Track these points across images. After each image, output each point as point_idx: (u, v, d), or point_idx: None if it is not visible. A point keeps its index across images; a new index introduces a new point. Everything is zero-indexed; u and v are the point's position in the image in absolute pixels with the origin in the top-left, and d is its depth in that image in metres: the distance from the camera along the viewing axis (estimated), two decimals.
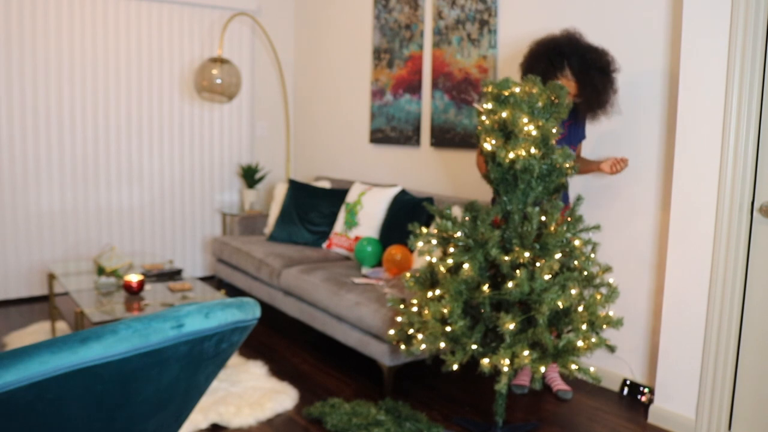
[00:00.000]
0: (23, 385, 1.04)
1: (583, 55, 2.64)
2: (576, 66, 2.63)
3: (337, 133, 5.04)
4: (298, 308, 3.50)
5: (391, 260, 3.33)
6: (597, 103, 2.67)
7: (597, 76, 2.63)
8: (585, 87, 2.65)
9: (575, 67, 2.64)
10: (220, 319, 1.28)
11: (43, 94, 4.35)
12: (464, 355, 2.30)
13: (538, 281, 2.19)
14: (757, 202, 2.42)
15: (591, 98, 2.66)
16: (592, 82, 2.62)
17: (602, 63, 2.65)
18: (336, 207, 4.20)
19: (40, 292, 4.49)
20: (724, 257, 2.46)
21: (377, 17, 4.47)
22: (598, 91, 2.64)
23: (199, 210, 5.10)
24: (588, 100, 2.67)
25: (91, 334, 1.11)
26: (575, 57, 2.63)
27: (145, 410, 1.27)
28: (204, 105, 5.01)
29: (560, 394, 2.96)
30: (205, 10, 4.92)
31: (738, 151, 2.41)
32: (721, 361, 2.50)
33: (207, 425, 2.59)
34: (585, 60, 2.63)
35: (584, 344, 2.24)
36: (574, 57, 2.63)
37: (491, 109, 2.35)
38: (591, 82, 2.62)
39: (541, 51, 2.69)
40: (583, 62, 2.63)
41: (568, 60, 2.64)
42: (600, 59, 2.65)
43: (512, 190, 2.36)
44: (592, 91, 2.64)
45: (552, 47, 2.66)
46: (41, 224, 4.44)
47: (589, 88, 2.64)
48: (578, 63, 2.63)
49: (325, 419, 2.61)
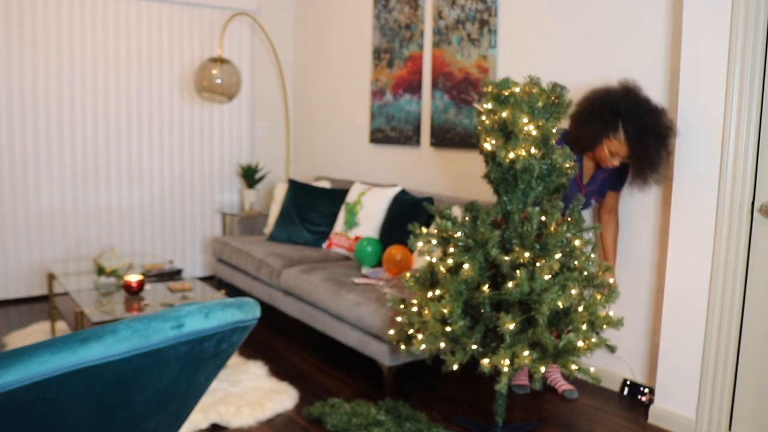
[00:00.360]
0: (23, 385, 1.04)
1: (641, 118, 2.45)
2: (632, 131, 2.46)
3: (337, 133, 5.04)
4: (298, 308, 3.50)
5: (391, 260, 3.33)
6: (650, 171, 2.50)
7: (653, 143, 2.44)
8: (639, 154, 2.48)
9: (630, 132, 2.46)
10: (220, 319, 1.28)
11: (43, 94, 4.34)
12: (464, 355, 2.30)
13: (538, 281, 2.19)
14: (758, 203, 2.41)
15: (644, 167, 2.50)
16: (647, 150, 2.44)
17: (660, 129, 2.46)
18: (336, 207, 4.20)
19: (40, 292, 4.49)
20: (724, 257, 2.46)
21: (377, 17, 4.47)
22: (652, 161, 2.48)
23: (199, 210, 5.10)
24: (640, 168, 2.51)
25: (91, 334, 1.11)
26: (632, 119, 2.45)
27: (145, 410, 1.27)
28: (204, 105, 5.01)
29: (566, 394, 2.96)
30: (205, 9, 4.92)
31: (738, 151, 2.40)
32: (722, 362, 2.50)
33: (207, 425, 2.59)
34: (642, 124, 2.44)
35: (584, 344, 2.24)
36: (630, 119, 2.45)
37: (491, 109, 2.35)
38: (645, 150, 2.44)
39: (596, 108, 2.51)
40: (639, 127, 2.45)
41: (624, 121, 2.46)
42: (658, 124, 2.46)
43: (512, 190, 2.36)
44: (646, 159, 2.47)
45: (608, 105, 2.48)
46: (41, 224, 4.44)
47: (644, 156, 2.47)
48: (634, 127, 2.45)
49: (325, 419, 2.61)
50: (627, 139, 2.50)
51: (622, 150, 2.54)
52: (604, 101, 2.51)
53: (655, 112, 2.49)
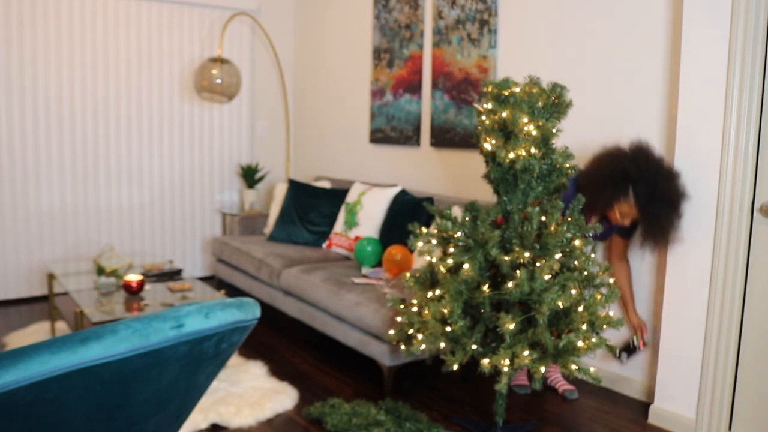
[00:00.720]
0: (23, 386, 1.04)
1: (652, 184, 2.41)
2: (642, 197, 2.43)
3: (337, 133, 5.04)
4: (298, 308, 3.50)
5: (391, 260, 3.33)
6: (660, 237, 2.48)
7: (663, 209, 2.41)
8: (649, 220, 2.46)
9: (641, 198, 2.43)
10: (220, 319, 1.28)
11: (42, 93, 4.34)
12: (464, 355, 2.30)
13: (538, 281, 2.19)
14: (758, 202, 2.41)
15: (654, 232, 2.47)
16: (657, 216, 2.41)
17: (672, 195, 2.42)
18: (336, 207, 4.19)
19: (40, 292, 4.49)
20: (724, 257, 2.46)
21: (377, 17, 4.47)
22: (662, 227, 2.45)
23: (199, 210, 5.10)
24: (650, 233, 2.49)
25: (90, 334, 1.11)
26: (643, 185, 2.42)
27: (145, 410, 1.27)
28: (204, 105, 5.01)
29: (567, 394, 2.96)
30: (205, 9, 4.92)
31: (738, 150, 2.40)
32: (722, 361, 2.50)
33: (207, 425, 2.59)
34: (653, 190, 2.41)
35: (584, 344, 2.23)
36: (641, 185, 2.42)
37: (491, 109, 2.35)
38: (656, 216, 2.42)
39: (606, 174, 2.47)
40: (650, 193, 2.41)
41: (635, 187, 2.43)
42: (670, 189, 2.41)
43: (512, 190, 2.36)
44: (656, 225, 2.45)
45: (619, 171, 2.45)
46: (41, 224, 4.44)
47: (654, 222, 2.45)
48: (645, 194, 2.42)
49: (325, 419, 2.61)
50: (637, 204, 2.47)
51: (632, 213, 2.52)
52: (614, 167, 2.47)
53: (667, 177, 2.44)
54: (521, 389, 2.99)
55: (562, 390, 2.99)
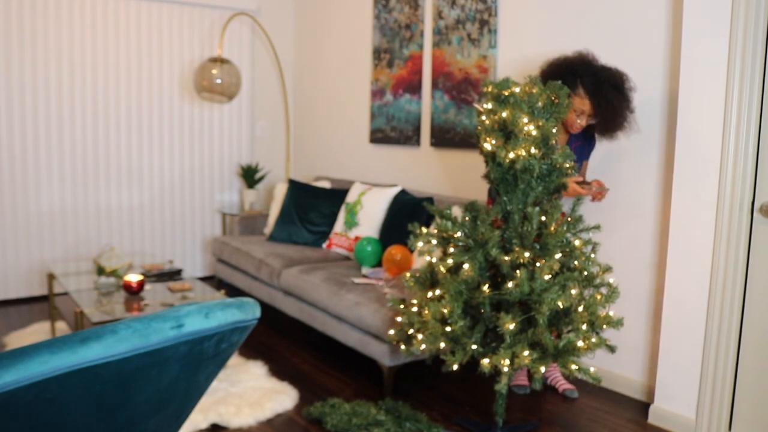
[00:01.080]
0: (23, 386, 1.04)
1: (596, 74, 2.60)
2: (589, 84, 2.59)
3: (337, 133, 5.04)
4: (298, 308, 3.50)
5: (391, 260, 3.33)
6: (614, 121, 2.61)
7: (612, 92, 2.57)
8: (600, 105, 2.60)
9: (588, 86, 2.59)
10: (219, 319, 1.28)
11: (42, 93, 4.34)
12: (464, 355, 2.30)
13: (538, 281, 2.19)
14: (758, 202, 2.41)
15: (607, 116, 2.60)
16: (607, 98, 2.56)
17: (616, 80, 2.60)
18: (336, 207, 4.19)
19: (40, 292, 4.49)
20: (724, 257, 2.46)
21: (377, 17, 4.47)
22: (614, 108, 2.58)
23: (199, 210, 5.10)
24: (604, 119, 2.62)
25: (90, 334, 1.11)
26: (588, 76, 2.59)
27: (145, 410, 1.27)
28: (204, 105, 5.01)
29: (567, 393, 2.96)
30: (205, 9, 4.92)
31: (738, 150, 2.40)
32: (722, 361, 2.50)
33: (207, 425, 2.59)
34: (598, 78, 2.59)
35: (584, 344, 2.23)
36: (587, 76, 2.60)
37: (491, 109, 2.35)
38: (606, 99, 2.56)
39: (553, 71, 2.65)
40: (596, 80, 2.59)
41: (581, 78, 2.60)
42: (613, 77, 2.60)
43: (512, 190, 2.36)
44: (607, 108, 2.59)
45: (564, 66, 2.63)
46: (41, 224, 4.44)
47: (604, 105, 2.58)
48: (591, 81, 2.59)
49: (325, 419, 2.61)
50: (587, 93, 2.61)
51: (584, 105, 2.64)
52: (560, 65, 2.65)
53: (609, 69, 2.62)
54: (521, 389, 2.99)
55: (562, 389, 2.99)
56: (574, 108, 2.65)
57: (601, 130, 2.69)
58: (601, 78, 2.59)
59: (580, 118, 2.68)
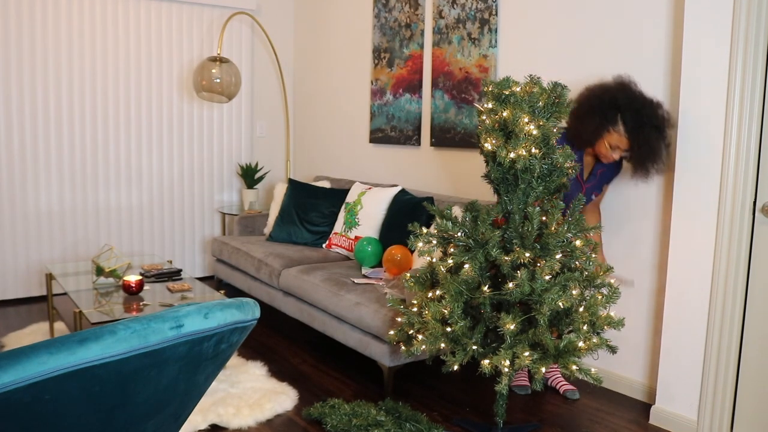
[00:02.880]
0: (21, 386, 1.03)
1: (638, 111, 2.49)
2: (630, 123, 2.50)
3: (337, 132, 5.03)
4: (298, 308, 3.49)
5: (391, 260, 3.32)
6: (651, 162, 2.53)
7: (653, 134, 2.48)
8: (639, 146, 2.52)
9: (629, 125, 2.50)
10: (219, 319, 1.27)
11: (41, 93, 4.33)
12: (465, 356, 2.29)
13: (538, 281, 2.18)
14: (759, 202, 2.41)
15: (645, 157, 2.52)
16: (647, 140, 2.48)
17: (658, 120, 2.51)
18: (336, 207, 4.19)
19: (39, 292, 4.48)
20: (726, 257, 2.45)
21: (377, 16, 4.46)
22: (652, 151, 2.51)
23: (198, 210, 5.09)
24: (641, 159, 2.54)
25: (89, 335, 1.10)
26: (630, 113, 2.50)
27: (144, 411, 1.26)
28: (203, 104, 5.00)
29: (568, 394, 2.95)
30: (205, 8, 4.91)
31: (740, 150, 2.40)
32: (723, 362, 2.49)
33: (206, 426, 2.58)
34: (640, 117, 2.49)
35: (585, 345, 2.23)
36: (628, 113, 2.50)
37: (492, 109, 2.34)
38: (646, 141, 2.48)
39: (594, 104, 2.55)
40: (638, 119, 2.49)
41: (622, 115, 2.51)
42: (656, 115, 2.50)
43: (513, 189, 2.35)
44: (646, 150, 2.51)
45: (606, 100, 2.53)
46: (40, 224, 4.43)
47: (645, 147, 2.50)
48: (633, 120, 2.49)
49: (324, 420, 2.60)
50: (626, 131, 2.53)
51: (622, 143, 2.57)
52: (601, 96, 2.56)
53: (651, 105, 2.53)
54: (522, 390, 2.98)
55: (563, 390, 2.98)
56: (610, 142, 2.58)
57: (636, 168, 2.58)
58: (643, 117, 2.49)
59: (614, 152, 2.61)
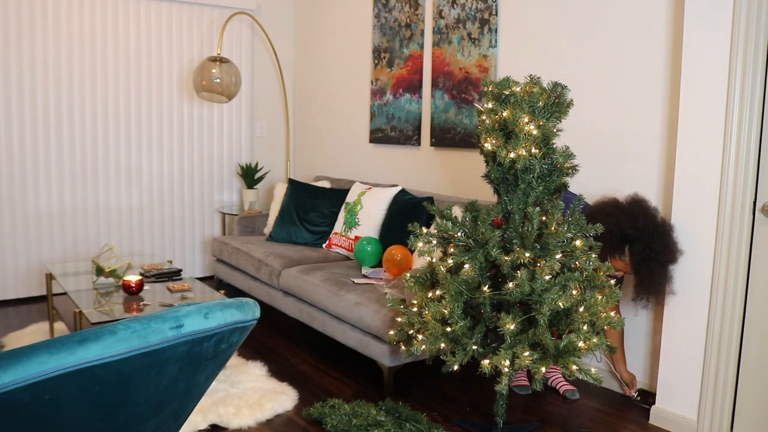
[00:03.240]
0: (21, 386, 1.03)
1: (647, 244, 2.46)
2: (637, 255, 2.48)
3: (336, 132, 5.03)
4: (298, 308, 3.49)
5: (391, 260, 3.32)
6: (653, 295, 2.53)
7: (657, 269, 2.46)
8: (641, 277, 2.51)
9: (636, 256, 2.48)
10: (219, 319, 1.27)
11: (41, 92, 4.33)
12: (465, 356, 2.29)
13: (538, 281, 2.18)
14: (759, 202, 2.41)
15: (647, 289, 2.52)
16: (651, 275, 2.47)
17: (666, 257, 2.47)
18: (336, 207, 4.19)
19: (39, 292, 4.48)
20: (725, 257, 2.45)
21: (377, 16, 4.46)
22: (655, 285, 2.50)
23: (198, 210, 5.08)
24: (643, 290, 2.53)
25: (89, 335, 1.10)
26: (639, 245, 2.47)
27: (144, 411, 1.26)
28: (203, 104, 5.00)
29: (568, 394, 2.95)
30: (205, 8, 4.91)
31: (740, 150, 2.40)
32: (723, 362, 2.49)
33: (206, 426, 2.58)
34: (648, 250, 2.46)
35: (585, 345, 2.23)
36: (638, 245, 2.47)
37: (492, 109, 2.34)
38: (650, 275, 2.47)
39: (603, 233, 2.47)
40: (645, 253, 2.46)
41: (631, 246, 2.50)
42: (665, 252, 2.46)
43: (513, 189, 2.35)
44: (649, 283, 2.50)
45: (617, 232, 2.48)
46: (39, 224, 4.42)
47: (647, 280, 2.50)
48: (640, 252, 2.47)
49: (324, 420, 2.60)
50: (632, 262, 2.53)
51: (626, 269, 2.58)
52: (612, 227, 2.51)
53: (662, 237, 2.48)
54: (522, 390, 2.98)
55: (563, 390, 2.98)
56: (615, 265, 2.57)
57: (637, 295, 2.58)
58: (650, 252, 2.46)
59: (616, 272, 2.61)
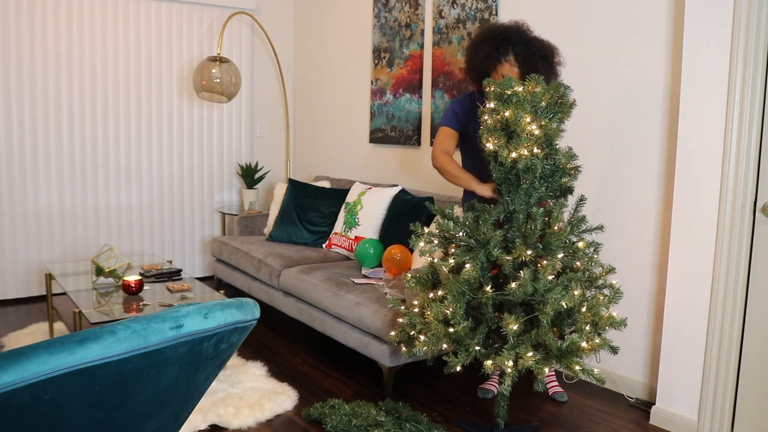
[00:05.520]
0: (21, 386, 1.03)
1: (528, 44, 2.66)
2: (520, 53, 2.66)
3: (336, 132, 5.03)
4: (298, 309, 3.49)
5: (392, 260, 3.32)
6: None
7: (541, 63, 2.64)
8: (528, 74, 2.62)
9: (519, 55, 2.65)
10: (219, 319, 1.26)
11: (41, 92, 4.33)
12: (467, 357, 2.28)
13: (541, 282, 2.17)
14: (760, 202, 2.40)
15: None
16: (536, 68, 2.63)
17: (546, 53, 2.67)
18: (336, 207, 4.18)
19: (38, 292, 4.47)
20: (726, 258, 2.45)
21: (377, 16, 4.46)
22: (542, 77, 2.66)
23: (198, 210, 5.08)
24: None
25: (89, 335, 1.09)
26: (520, 45, 2.66)
27: (143, 411, 1.26)
28: (203, 104, 5.00)
29: (556, 396, 2.95)
30: (205, 8, 4.91)
31: (740, 150, 2.39)
32: (724, 363, 2.48)
33: (206, 426, 2.58)
34: (530, 48, 2.66)
35: (588, 345, 2.22)
36: (519, 45, 2.66)
37: (493, 109, 2.34)
38: (534, 69, 2.62)
39: (486, 35, 2.71)
40: (527, 50, 2.66)
41: (513, 47, 2.66)
42: (544, 49, 2.67)
43: (515, 189, 2.34)
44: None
45: (498, 33, 2.69)
46: (39, 224, 4.42)
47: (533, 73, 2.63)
48: (523, 51, 2.66)
49: (324, 420, 2.60)
50: (517, 61, 2.66)
51: (513, 72, 2.69)
52: (494, 30, 2.71)
53: (541, 41, 2.69)
54: (485, 393, 2.94)
55: (552, 392, 2.97)
56: (503, 73, 2.71)
57: None
58: (532, 49, 2.66)
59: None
